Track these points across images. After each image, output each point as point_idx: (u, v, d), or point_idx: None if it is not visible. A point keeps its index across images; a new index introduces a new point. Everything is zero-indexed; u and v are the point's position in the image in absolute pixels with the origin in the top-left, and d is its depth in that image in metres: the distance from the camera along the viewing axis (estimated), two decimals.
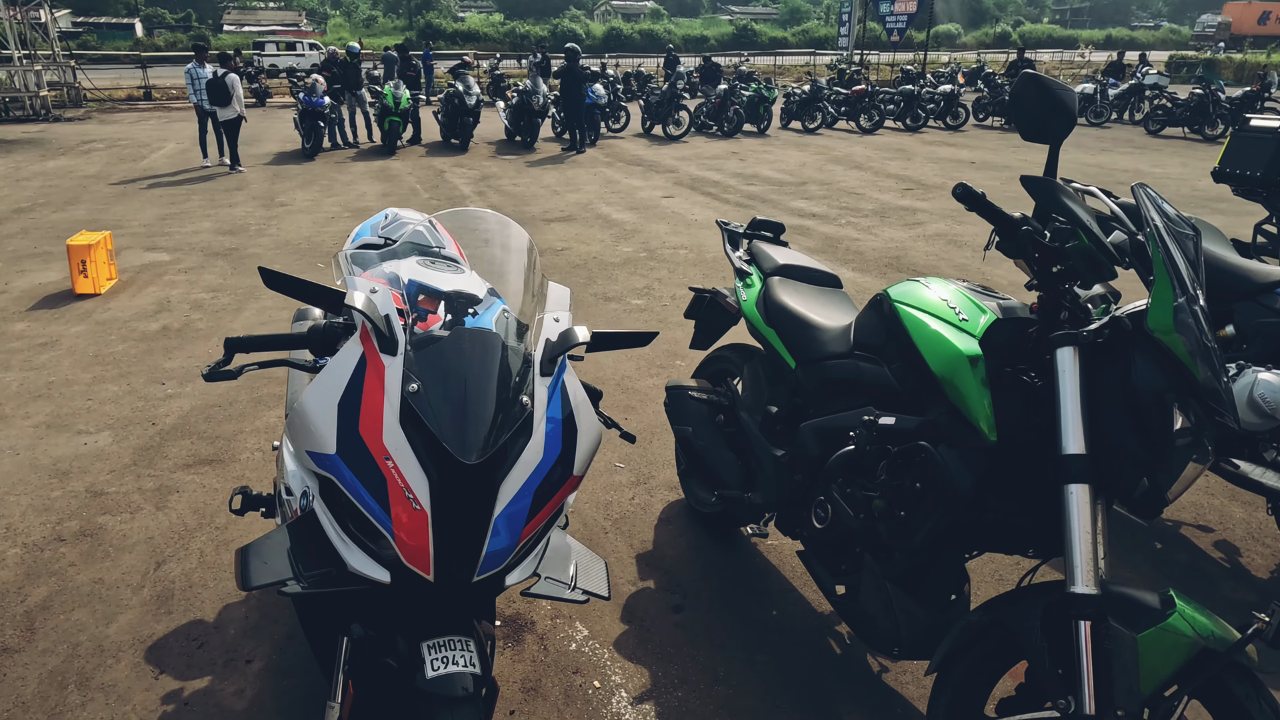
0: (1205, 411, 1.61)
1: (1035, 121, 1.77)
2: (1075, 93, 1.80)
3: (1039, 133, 1.79)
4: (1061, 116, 1.75)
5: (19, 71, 18.52)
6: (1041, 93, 1.73)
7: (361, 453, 1.39)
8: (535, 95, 14.49)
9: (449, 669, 1.40)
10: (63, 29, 48.72)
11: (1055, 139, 1.79)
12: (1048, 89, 1.73)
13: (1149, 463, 1.62)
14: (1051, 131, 1.77)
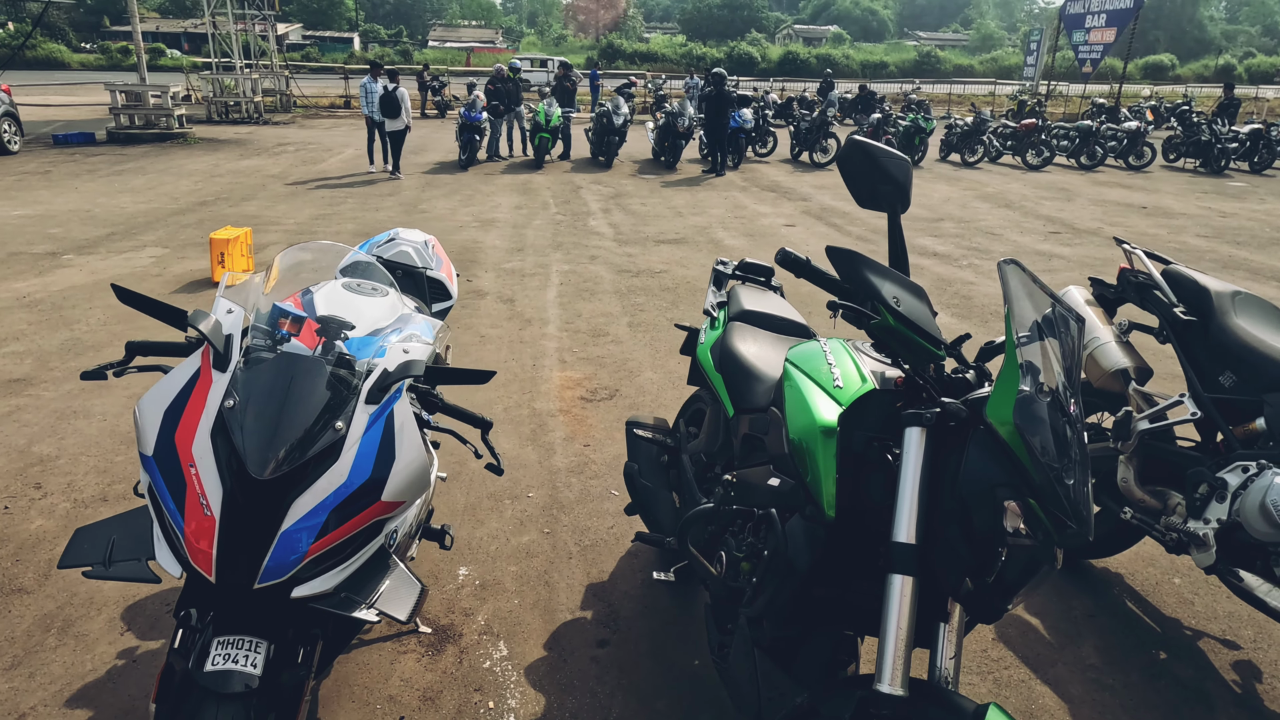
0: (1050, 515, 1.46)
1: (865, 190, 1.66)
2: (905, 160, 1.66)
3: (871, 200, 1.68)
4: (888, 185, 1.63)
5: (241, 79, 21.00)
6: (867, 161, 1.63)
7: (172, 457, 1.53)
8: (681, 117, 14.72)
9: (225, 665, 1.52)
10: (292, 41, 54.63)
11: (889, 207, 1.67)
12: (873, 157, 1.62)
13: (970, 562, 1.49)
14: (883, 199, 1.66)
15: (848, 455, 1.70)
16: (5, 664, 2.44)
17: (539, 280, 7.20)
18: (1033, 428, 1.44)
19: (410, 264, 2.93)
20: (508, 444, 4.02)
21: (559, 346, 5.48)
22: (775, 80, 34.52)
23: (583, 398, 4.64)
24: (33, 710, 2.26)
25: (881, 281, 1.49)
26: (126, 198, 10.47)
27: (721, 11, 70.26)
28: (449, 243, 8.58)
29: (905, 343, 1.52)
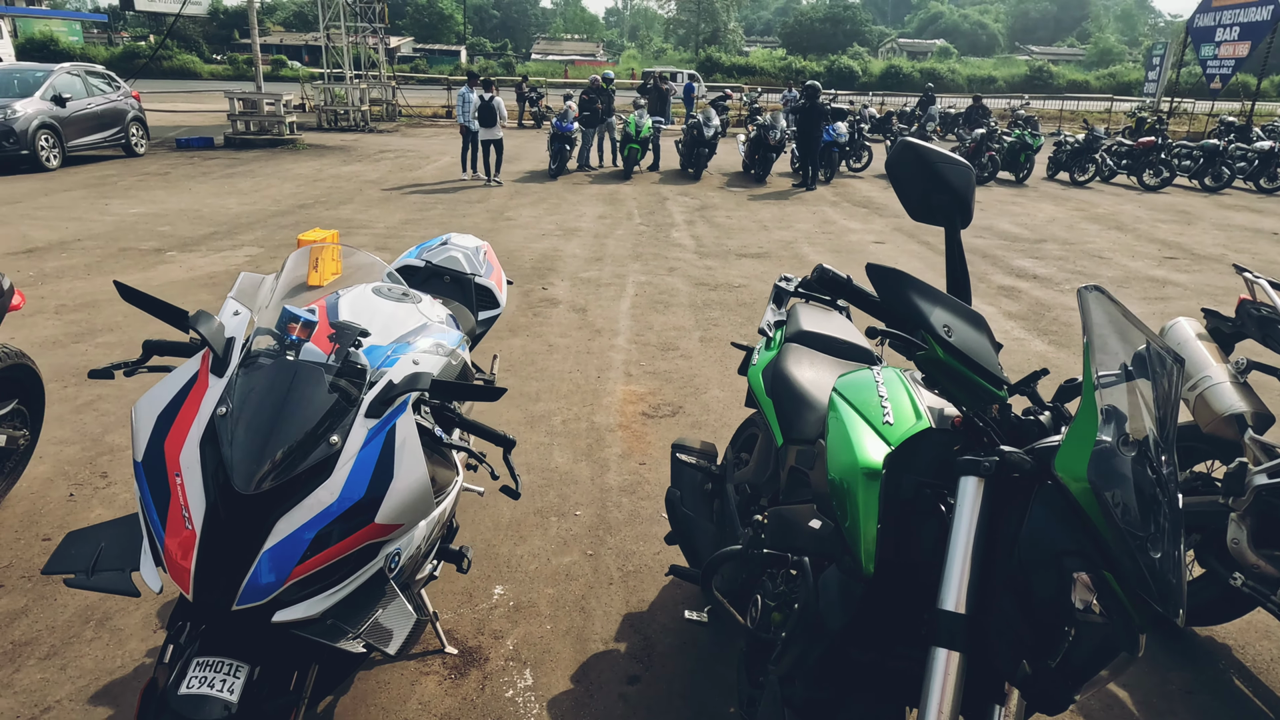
0: (1130, 593, 1.22)
1: (916, 199, 1.45)
2: (966, 167, 1.43)
3: (924, 213, 1.46)
4: (944, 194, 1.41)
5: (350, 88, 21.88)
6: (921, 166, 1.41)
7: (159, 466, 1.46)
8: (773, 130, 14.46)
9: (201, 690, 1.43)
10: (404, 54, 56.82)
11: (946, 221, 1.45)
12: (928, 163, 1.40)
13: (1028, 642, 1.26)
14: (938, 212, 1.44)
15: (893, 502, 1.49)
16: (41, 653, 2.46)
17: (614, 290, 7.11)
18: (1111, 487, 1.21)
19: (459, 270, 2.85)
20: (561, 458, 3.91)
21: (626, 359, 5.35)
22: (875, 94, 33.70)
23: (644, 413, 4.50)
24: (58, 704, 2.26)
25: (931, 307, 1.29)
26: (233, 199, 10.97)
27: (823, 25, 69.34)
28: (530, 250, 8.61)
29: (957, 379, 1.30)
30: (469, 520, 3.31)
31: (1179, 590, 1.23)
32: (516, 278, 7.44)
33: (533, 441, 4.08)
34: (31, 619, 2.61)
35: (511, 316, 6.19)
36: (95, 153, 14.30)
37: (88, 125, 13.65)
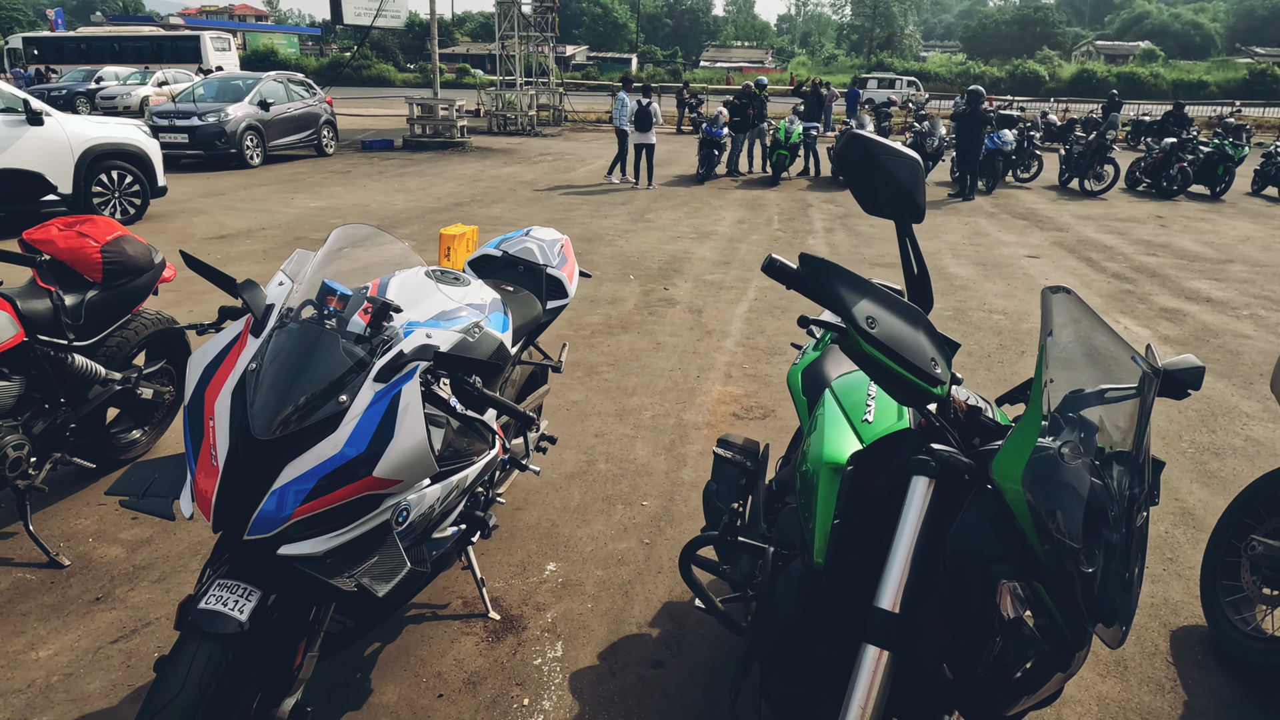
0: (1059, 605, 1.17)
1: (864, 192, 1.40)
2: (913, 161, 1.36)
3: (873, 206, 1.41)
4: (889, 187, 1.35)
5: (520, 94, 23.06)
6: (866, 160, 1.36)
7: (199, 411, 1.69)
8: (930, 137, 13.91)
9: (214, 606, 1.64)
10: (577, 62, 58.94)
11: (894, 215, 1.39)
12: (871, 155, 1.35)
13: (946, 644, 1.22)
14: (885, 205, 1.38)
15: (860, 499, 1.48)
16: (154, 577, 2.84)
17: (734, 294, 7.12)
18: (1045, 494, 1.16)
19: (531, 260, 3.01)
20: (642, 450, 4.01)
21: (730, 361, 5.37)
22: (1059, 100, 31.44)
23: (735, 414, 4.51)
24: (156, 621, 2.61)
25: (857, 298, 1.27)
26: (400, 196, 11.88)
27: (1010, 28, 65.43)
28: (661, 251, 8.77)
29: (883, 372, 1.28)
30: (539, 500, 3.48)
31: (1121, 610, 1.16)
32: (643, 277, 7.62)
33: (618, 433, 4.21)
34: (153, 547, 3.02)
35: (626, 314, 6.36)
36: (291, 152, 15.91)
37: (286, 127, 15.22)
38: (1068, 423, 1.21)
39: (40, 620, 2.60)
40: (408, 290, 2.14)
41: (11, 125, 8.05)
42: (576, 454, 3.94)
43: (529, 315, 2.80)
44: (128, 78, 24.46)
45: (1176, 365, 1.53)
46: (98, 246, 3.05)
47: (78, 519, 3.17)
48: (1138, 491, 1.23)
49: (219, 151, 13.75)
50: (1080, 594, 1.13)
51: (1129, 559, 1.18)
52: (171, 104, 14.78)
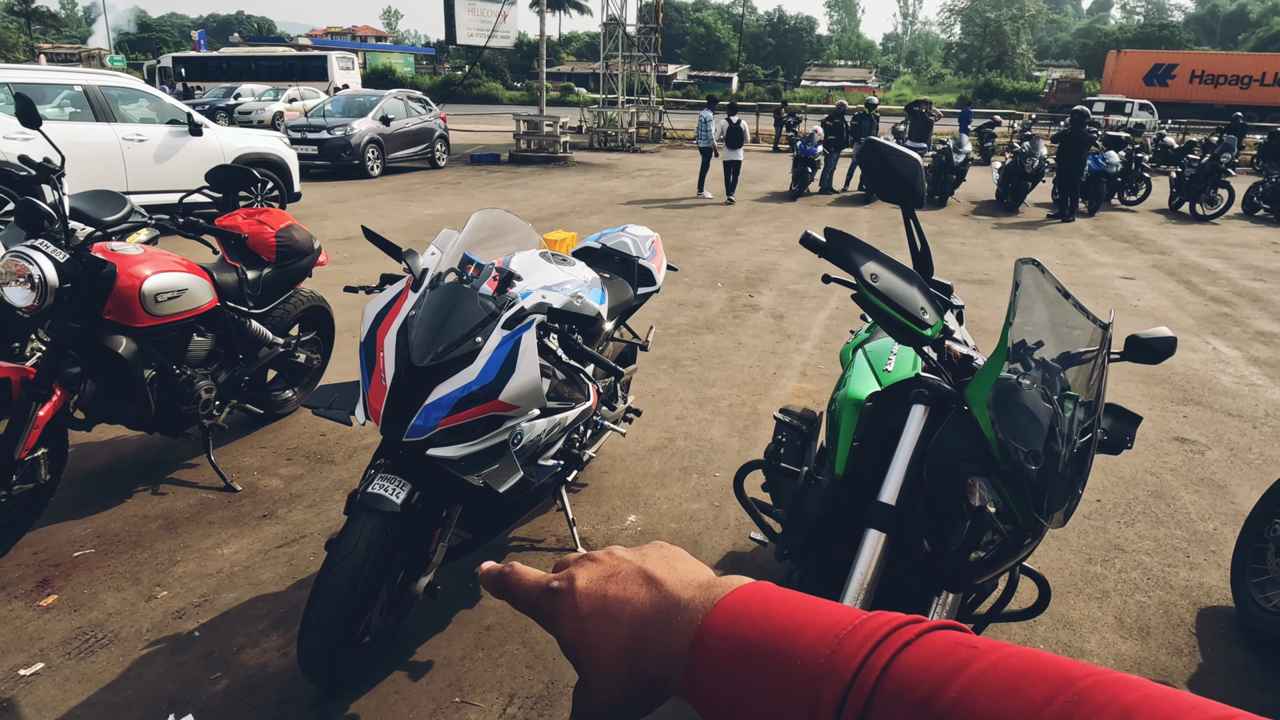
0: (1018, 500, 1.54)
1: (876, 184, 1.78)
2: (914, 160, 1.73)
3: (883, 194, 1.79)
4: (894, 180, 1.73)
5: (621, 112, 23.89)
6: (879, 160, 1.74)
7: (373, 343, 2.23)
8: (1031, 158, 13.80)
9: (379, 490, 2.17)
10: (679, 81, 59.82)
11: (899, 200, 1.77)
12: (883, 157, 1.74)
13: (924, 523, 1.60)
14: (892, 193, 1.76)
15: (874, 427, 1.88)
16: (307, 503, 3.45)
17: (817, 303, 7.46)
18: (1002, 410, 1.54)
19: (626, 252, 3.50)
20: (718, 432, 4.43)
21: (806, 361, 5.73)
22: (1179, 122, 30.15)
23: (808, 408, 4.87)
24: (309, 535, 3.20)
25: (864, 260, 1.67)
26: (505, 206, 12.66)
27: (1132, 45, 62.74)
28: (749, 262, 9.17)
29: (885, 317, 1.68)
30: (625, 467, 3.95)
31: (1060, 501, 1.52)
32: (729, 285, 8.05)
33: (698, 416, 4.64)
34: (304, 482, 3.63)
35: (711, 317, 6.80)
36: (407, 164, 17.08)
37: (404, 141, 16.37)
38: (1027, 360, 1.59)
39: (222, 528, 3.23)
40: (526, 265, 2.66)
41: (177, 135, 9.18)
42: (659, 432, 4.40)
43: (622, 298, 3.28)
44: (262, 94, 26.56)
45: (1150, 335, 1.87)
46: (273, 232, 3.71)
47: (245, 456, 3.83)
48: (1086, 423, 1.59)
49: (344, 162, 14.96)
50: (1028, 487, 1.50)
51: (1071, 467, 1.54)
52: (304, 118, 16.16)
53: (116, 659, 2.46)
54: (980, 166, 18.92)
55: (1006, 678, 0.38)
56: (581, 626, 0.51)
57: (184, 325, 3.26)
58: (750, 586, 0.49)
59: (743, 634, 0.45)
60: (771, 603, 0.47)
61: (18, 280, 2.71)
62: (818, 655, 0.42)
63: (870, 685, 0.40)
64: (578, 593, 0.52)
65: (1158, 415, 4.99)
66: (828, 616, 0.45)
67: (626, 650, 0.49)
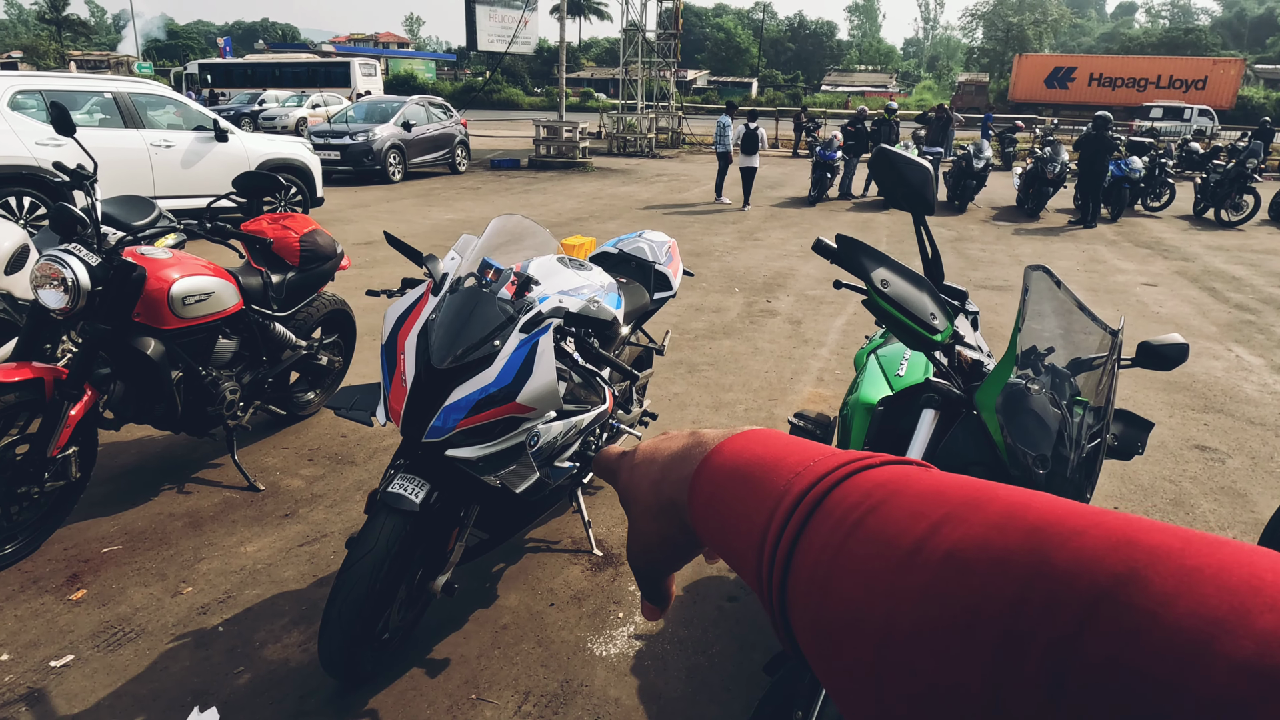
0: None
1: (888, 192, 1.80)
2: (924, 169, 1.74)
3: (895, 201, 1.81)
4: (905, 187, 1.75)
5: (640, 118, 23.97)
6: (890, 169, 1.76)
7: (394, 346, 2.29)
8: (1052, 163, 13.71)
9: (398, 490, 2.22)
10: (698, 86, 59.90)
11: (910, 207, 1.79)
12: (894, 165, 1.76)
13: None
14: (904, 200, 1.78)
15: (889, 434, 1.90)
16: (327, 503, 3.51)
17: (834, 308, 7.46)
18: (1011, 415, 1.56)
19: (642, 257, 3.54)
20: None
21: (823, 366, 5.74)
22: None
23: (822, 412, 4.88)
24: (330, 534, 3.26)
25: (875, 266, 1.70)
26: (524, 211, 12.77)
27: (1157, 51, 62.05)
28: (767, 268, 9.19)
29: (895, 323, 1.70)
30: None
31: None
32: (746, 290, 8.07)
33: (714, 421, 4.67)
34: (325, 482, 3.70)
35: (728, 322, 6.82)
36: (428, 169, 17.24)
37: (425, 146, 16.53)
38: (1036, 366, 1.61)
39: (245, 527, 3.30)
40: (544, 270, 2.70)
41: (204, 141, 9.34)
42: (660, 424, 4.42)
43: (638, 303, 3.32)
44: (286, 100, 26.90)
45: (1162, 341, 1.88)
46: (297, 237, 3.79)
47: (268, 457, 3.90)
48: (1095, 428, 1.60)
49: (366, 168, 15.13)
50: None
51: (1079, 472, 1.56)
52: (327, 124, 16.36)
53: (143, 652, 2.53)
54: (1001, 172, 18.81)
55: (916, 492, 0.39)
56: (633, 471, 0.58)
57: (210, 328, 3.34)
58: (759, 429, 0.52)
59: (737, 460, 0.49)
60: (772, 439, 0.50)
61: (51, 283, 2.79)
62: (786, 478, 0.45)
63: (812, 503, 0.42)
64: (638, 449, 0.59)
65: (1178, 423, 4.95)
66: (805, 453, 0.47)
67: (656, 482, 0.55)
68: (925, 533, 0.36)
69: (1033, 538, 0.33)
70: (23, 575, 2.89)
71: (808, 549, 0.40)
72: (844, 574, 0.38)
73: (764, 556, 0.43)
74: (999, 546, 0.33)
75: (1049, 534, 0.33)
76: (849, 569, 0.38)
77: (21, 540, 2.94)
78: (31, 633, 2.60)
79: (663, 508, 0.54)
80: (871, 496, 0.40)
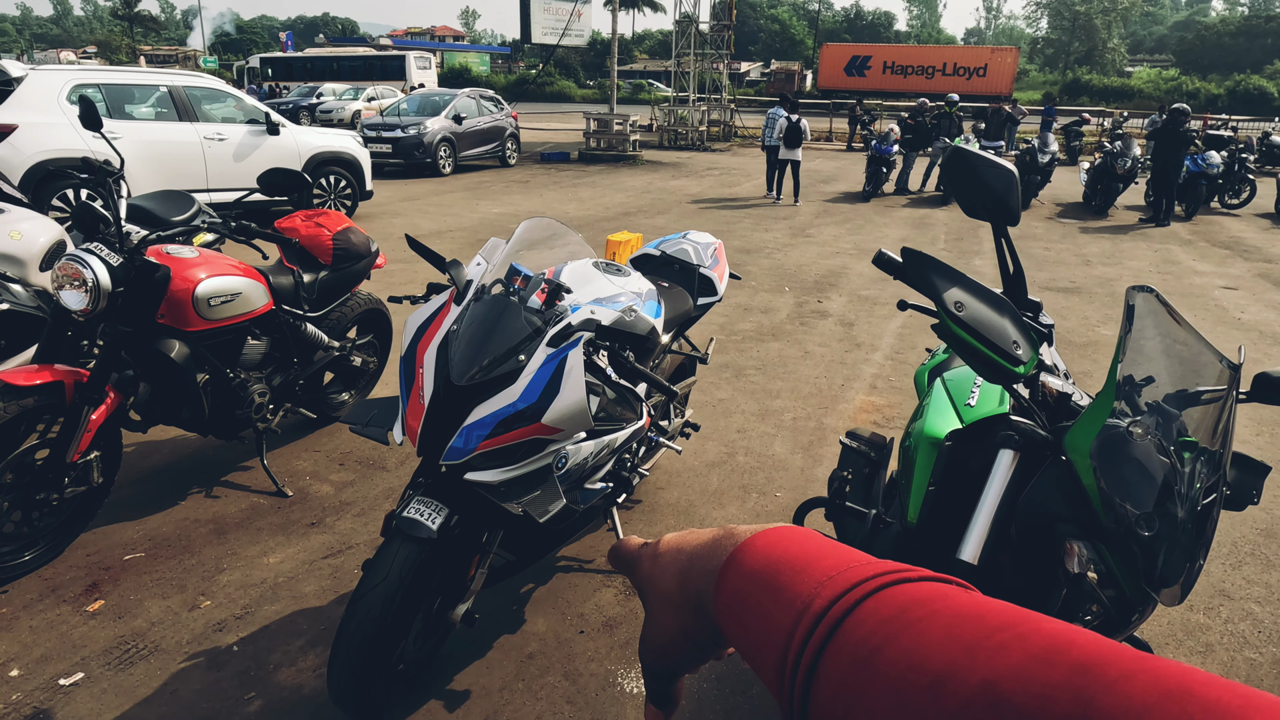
0: (1126, 569, 1.32)
1: (964, 199, 1.55)
2: (1009, 172, 1.49)
3: (972, 210, 1.56)
4: (985, 195, 1.50)
5: (691, 110, 23.67)
6: (967, 171, 1.51)
7: (413, 359, 2.12)
8: (1123, 158, 13.05)
9: (413, 515, 2.05)
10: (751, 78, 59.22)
11: (990, 218, 1.54)
12: (972, 167, 1.50)
13: (1017, 597, 1.39)
14: (982, 209, 1.53)
15: (954, 470, 1.67)
16: (355, 512, 3.39)
17: (889, 310, 7.14)
18: (1109, 462, 1.32)
19: (686, 260, 3.33)
20: (780, 448, 4.22)
21: (876, 373, 5.46)
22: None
23: (875, 422, 4.62)
24: (357, 545, 3.14)
25: (947, 285, 1.46)
26: (572, 205, 12.64)
27: (1234, 40, 59.35)
28: (818, 266, 8.89)
29: (970, 351, 1.46)
30: (680, 483, 3.78)
31: (1176, 572, 1.30)
32: (797, 289, 7.79)
33: (759, 430, 4.44)
34: (355, 489, 3.58)
35: (777, 323, 6.57)
36: (478, 162, 17.23)
37: (475, 139, 16.52)
38: (1141, 407, 1.36)
39: (270, 535, 3.19)
40: (578, 276, 2.52)
41: (256, 134, 9.39)
42: (718, 446, 4.22)
43: (681, 309, 3.12)
44: (343, 94, 27.25)
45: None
46: (330, 234, 3.67)
47: (298, 460, 3.81)
48: (1210, 479, 1.35)
49: (417, 160, 15.17)
50: (1139, 557, 1.28)
51: (1191, 534, 1.31)
52: (379, 117, 16.46)
53: (154, 672, 2.42)
54: (1066, 167, 18.09)
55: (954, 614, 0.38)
56: (655, 560, 0.56)
57: (238, 329, 3.23)
58: (793, 527, 0.50)
59: (767, 558, 0.47)
60: (802, 540, 0.48)
61: (72, 283, 2.71)
62: (814, 585, 0.43)
63: (838, 616, 0.41)
64: (662, 540, 0.58)
65: (1265, 442, 4.56)
66: (838, 558, 0.46)
67: (681, 572, 0.53)
68: (961, 659, 0.35)
69: (1078, 677, 0.31)
70: (43, 583, 2.82)
71: (832, 666, 0.39)
72: (870, 697, 0.37)
73: (785, 669, 0.42)
74: (1040, 682, 0.32)
75: (1095, 674, 0.31)
76: (875, 692, 0.37)
77: (42, 547, 2.88)
78: (45, 645, 2.52)
79: (687, 599, 0.53)
80: (905, 614, 0.39)
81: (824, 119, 28.84)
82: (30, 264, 3.68)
